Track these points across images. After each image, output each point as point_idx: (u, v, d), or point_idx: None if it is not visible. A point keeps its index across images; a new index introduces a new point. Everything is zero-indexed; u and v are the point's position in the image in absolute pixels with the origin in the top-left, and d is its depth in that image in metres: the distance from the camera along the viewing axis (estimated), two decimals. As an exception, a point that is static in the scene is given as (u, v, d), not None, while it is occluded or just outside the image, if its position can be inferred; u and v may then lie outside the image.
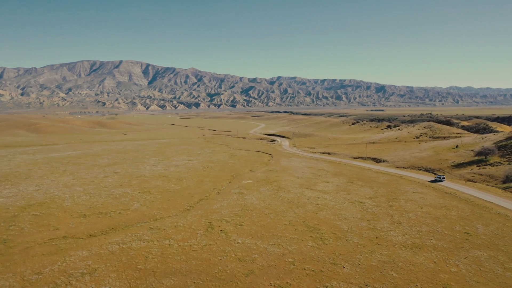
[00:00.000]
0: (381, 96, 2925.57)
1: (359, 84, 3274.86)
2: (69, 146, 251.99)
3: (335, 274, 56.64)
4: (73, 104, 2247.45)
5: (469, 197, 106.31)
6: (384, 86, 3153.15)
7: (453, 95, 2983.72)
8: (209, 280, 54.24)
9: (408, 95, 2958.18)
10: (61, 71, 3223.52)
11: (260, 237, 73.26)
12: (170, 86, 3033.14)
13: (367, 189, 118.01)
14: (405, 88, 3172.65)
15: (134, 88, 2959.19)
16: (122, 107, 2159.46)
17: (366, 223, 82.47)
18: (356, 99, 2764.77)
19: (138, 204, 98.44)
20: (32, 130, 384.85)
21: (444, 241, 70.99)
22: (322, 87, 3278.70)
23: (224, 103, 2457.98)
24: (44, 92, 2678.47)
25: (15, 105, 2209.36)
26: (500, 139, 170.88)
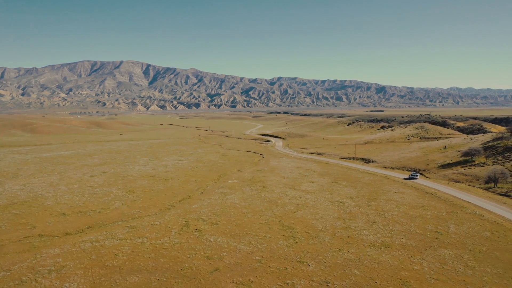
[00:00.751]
0: (381, 97, 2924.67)
1: (360, 84, 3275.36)
2: (62, 146, 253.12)
3: (299, 272, 57.58)
4: (73, 104, 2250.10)
5: (448, 197, 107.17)
6: (385, 87, 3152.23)
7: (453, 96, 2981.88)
8: (173, 277, 55.23)
9: (409, 96, 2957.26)
10: (62, 71, 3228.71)
11: (233, 235, 74.22)
12: (170, 86, 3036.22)
13: (350, 189, 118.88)
14: (405, 89, 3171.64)
15: (135, 89, 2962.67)
16: (122, 108, 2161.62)
17: (342, 222, 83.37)
18: (356, 100, 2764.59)
19: (119, 203, 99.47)
20: (28, 130, 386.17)
21: (414, 240, 71.90)
22: (322, 88, 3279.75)
23: (224, 104, 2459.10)
24: (45, 92, 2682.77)
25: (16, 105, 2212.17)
26: (487, 140, 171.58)
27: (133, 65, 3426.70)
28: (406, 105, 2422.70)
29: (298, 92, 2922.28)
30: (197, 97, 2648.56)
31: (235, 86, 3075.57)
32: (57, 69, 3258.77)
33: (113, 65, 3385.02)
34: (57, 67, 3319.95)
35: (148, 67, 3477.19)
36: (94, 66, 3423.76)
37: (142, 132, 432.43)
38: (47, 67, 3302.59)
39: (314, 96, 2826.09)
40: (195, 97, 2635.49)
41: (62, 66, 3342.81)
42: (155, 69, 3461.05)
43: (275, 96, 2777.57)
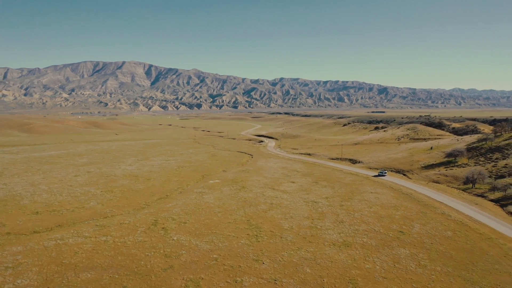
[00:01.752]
0: (383, 97, 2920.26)
1: (362, 85, 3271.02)
2: (55, 146, 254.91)
3: (251, 270, 58.56)
4: (75, 105, 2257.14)
5: (423, 197, 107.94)
6: (387, 88, 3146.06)
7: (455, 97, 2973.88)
8: (125, 275, 56.31)
9: (411, 97, 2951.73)
10: (64, 71, 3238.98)
11: (198, 234, 75.26)
12: (172, 87, 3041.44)
13: (328, 189, 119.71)
14: (407, 90, 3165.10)
15: (137, 89, 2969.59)
16: (124, 108, 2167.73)
17: (310, 222, 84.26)
18: (358, 101, 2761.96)
19: (94, 202, 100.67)
20: (25, 130, 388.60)
21: (375, 239, 72.75)
22: (324, 89, 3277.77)
23: (226, 104, 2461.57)
24: (47, 92, 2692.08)
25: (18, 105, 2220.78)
26: (472, 141, 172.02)
27: (135, 65, 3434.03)
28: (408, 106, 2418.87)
29: (300, 93, 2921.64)
30: (199, 97, 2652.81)
31: (237, 86, 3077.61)
32: (59, 70, 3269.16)
33: (115, 65, 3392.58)
34: (59, 67, 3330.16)
35: (150, 67, 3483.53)
36: (97, 67, 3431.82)
37: (139, 132, 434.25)
38: (49, 68, 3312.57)
39: (316, 97, 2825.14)
40: (197, 98, 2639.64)
41: (64, 66, 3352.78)
42: (157, 69, 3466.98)
43: (276, 96, 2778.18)
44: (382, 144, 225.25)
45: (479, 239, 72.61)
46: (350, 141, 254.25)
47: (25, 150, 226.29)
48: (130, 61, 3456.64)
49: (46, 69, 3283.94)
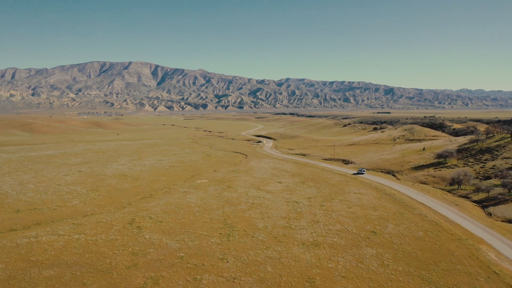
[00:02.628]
0: (389, 98, 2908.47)
1: (368, 86, 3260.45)
2: (54, 146, 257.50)
3: (214, 268, 59.30)
4: (82, 105, 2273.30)
5: (405, 198, 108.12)
6: (393, 89, 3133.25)
7: (463, 98, 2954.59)
8: (88, 272, 57.31)
9: (417, 98, 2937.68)
10: (72, 72, 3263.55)
11: (171, 233, 76.16)
12: (178, 87, 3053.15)
13: (313, 189, 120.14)
14: (414, 91, 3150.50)
15: (143, 89, 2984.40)
16: (130, 108, 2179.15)
17: (285, 221, 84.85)
18: (364, 101, 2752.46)
19: (77, 201, 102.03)
20: (27, 129, 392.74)
21: (346, 239, 73.19)
22: (330, 89, 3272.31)
23: (231, 105, 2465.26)
24: (54, 92, 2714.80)
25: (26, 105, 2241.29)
26: (464, 142, 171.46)
27: (141, 66, 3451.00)
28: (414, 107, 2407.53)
29: (306, 93, 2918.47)
30: (205, 98, 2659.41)
31: (243, 87, 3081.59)
32: (67, 70, 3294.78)
33: (122, 66, 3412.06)
34: (67, 67, 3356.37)
35: (157, 68, 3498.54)
36: (103, 67, 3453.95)
37: (140, 132, 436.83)
38: (57, 68, 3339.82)
39: (322, 98, 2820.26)
40: (203, 98, 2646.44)
41: (72, 66, 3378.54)
42: (163, 70, 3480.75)
43: (282, 97, 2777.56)
44: (377, 145, 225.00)
45: (449, 239, 72.79)
46: (347, 142, 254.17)
47: (23, 150, 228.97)
48: (137, 62, 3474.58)
49: (53, 69, 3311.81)
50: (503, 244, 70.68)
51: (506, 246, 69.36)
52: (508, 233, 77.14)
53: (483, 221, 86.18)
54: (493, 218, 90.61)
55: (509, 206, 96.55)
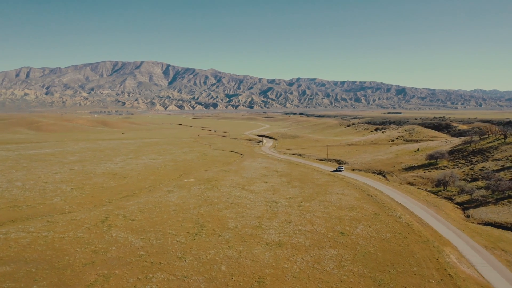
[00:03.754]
0: (401, 98, 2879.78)
1: (380, 86, 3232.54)
2: (55, 144, 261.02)
3: (169, 267, 59.76)
4: (94, 104, 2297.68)
5: (385, 199, 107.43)
6: (405, 89, 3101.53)
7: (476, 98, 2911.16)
8: (43, 269, 58.23)
9: (430, 98, 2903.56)
10: (84, 71, 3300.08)
11: (139, 231, 76.87)
12: (189, 86, 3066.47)
13: (297, 189, 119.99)
14: (426, 91, 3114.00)
15: (154, 89, 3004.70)
16: (141, 107, 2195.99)
17: (258, 221, 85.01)
18: (375, 101, 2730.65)
19: (58, 199, 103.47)
20: (34, 128, 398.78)
21: (311, 239, 73.07)
22: (341, 89, 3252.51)
23: (242, 104, 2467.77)
24: (68, 91, 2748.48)
25: (39, 104, 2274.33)
26: (458, 143, 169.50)
27: (153, 65, 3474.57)
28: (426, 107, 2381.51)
29: (317, 93, 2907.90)
30: (215, 97, 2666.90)
31: (253, 86, 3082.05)
32: (80, 69, 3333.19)
33: (133, 65, 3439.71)
34: (80, 67, 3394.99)
35: (168, 67, 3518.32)
36: (116, 66, 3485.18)
37: (145, 131, 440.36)
38: (70, 67, 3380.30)
39: (333, 97, 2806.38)
40: (213, 97, 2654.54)
41: (84, 66, 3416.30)
42: (174, 69, 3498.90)
43: (293, 97, 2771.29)
44: (374, 145, 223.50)
45: (415, 241, 72.19)
46: (345, 142, 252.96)
47: (23, 148, 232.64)
48: (148, 61, 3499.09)
49: (67, 68, 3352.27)
50: (468, 246, 69.87)
51: (470, 249, 68.58)
52: (477, 235, 76.20)
53: (457, 223, 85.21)
54: (470, 220, 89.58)
55: (488, 209, 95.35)
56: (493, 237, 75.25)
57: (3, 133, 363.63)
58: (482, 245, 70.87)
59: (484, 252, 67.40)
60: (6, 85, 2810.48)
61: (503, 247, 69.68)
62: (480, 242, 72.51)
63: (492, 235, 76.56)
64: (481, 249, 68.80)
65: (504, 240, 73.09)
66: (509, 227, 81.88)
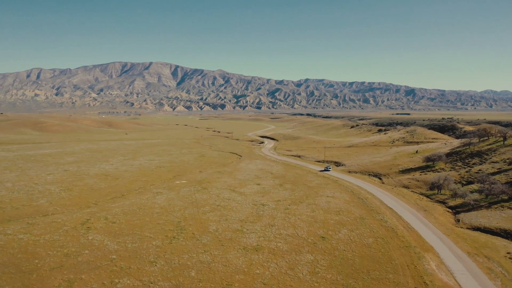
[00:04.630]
0: (410, 99, 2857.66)
1: (388, 87, 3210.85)
2: (56, 145, 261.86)
3: (137, 272, 58.53)
4: (103, 104, 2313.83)
5: (375, 202, 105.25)
6: (414, 89, 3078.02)
7: (487, 99, 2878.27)
8: (9, 272, 57.36)
9: (439, 99, 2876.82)
10: (94, 72, 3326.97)
11: (117, 234, 75.79)
12: (197, 87, 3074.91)
13: (288, 192, 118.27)
14: (436, 92, 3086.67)
15: (163, 89, 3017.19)
16: (149, 108, 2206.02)
17: (240, 224, 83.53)
18: (384, 102, 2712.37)
19: (44, 201, 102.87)
20: (38, 128, 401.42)
21: (290, 244, 71.39)
22: (350, 90, 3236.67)
23: (249, 105, 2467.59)
24: (77, 92, 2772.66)
25: (49, 104, 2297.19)
26: (457, 145, 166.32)
27: (162, 66, 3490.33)
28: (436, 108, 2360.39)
29: (325, 94, 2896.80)
30: (223, 98, 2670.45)
31: (261, 87, 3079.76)
32: (89, 70, 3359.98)
33: (142, 66, 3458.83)
34: (89, 68, 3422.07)
35: (177, 68, 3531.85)
36: (125, 67, 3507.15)
37: (149, 132, 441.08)
38: (80, 68, 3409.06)
39: (341, 98, 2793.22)
40: (221, 98, 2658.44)
41: (94, 67, 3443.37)
42: (183, 70, 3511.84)
43: (301, 97, 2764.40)
44: (374, 147, 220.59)
45: (397, 247, 70.17)
46: (346, 144, 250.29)
47: (23, 148, 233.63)
48: (157, 62, 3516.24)
49: (76, 69, 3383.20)
50: (451, 253, 67.65)
51: (452, 255, 66.37)
52: (462, 241, 73.87)
53: (444, 228, 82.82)
54: (460, 225, 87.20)
55: (480, 213, 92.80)
56: (479, 243, 72.87)
57: (7, 133, 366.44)
58: (465, 251, 68.60)
59: (466, 259, 65.16)
60: (17, 85, 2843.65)
61: (487, 253, 67.35)
62: (464, 248, 70.22)
63: (478, 240, 74.18)
64: (464, 255, 66.56)
65: (489, 246, 70.70)
66: (497, 232, 79.46)
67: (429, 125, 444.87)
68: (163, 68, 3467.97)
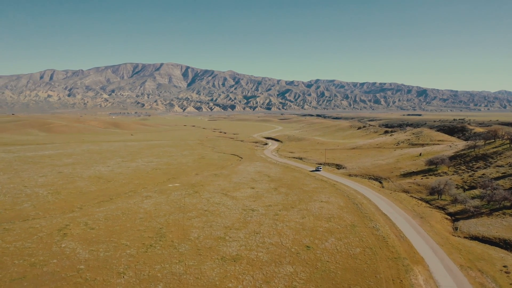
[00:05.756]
0: (422, 100, 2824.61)
1: (400, 87, 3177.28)
2: (59, 146, 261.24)
3: (102, 284, 55.14)
4: (114, 105, 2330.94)
5: (370, 208, 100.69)
6: (426, 90, 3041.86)
7: (501, 99, 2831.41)
8: (-33, 283, 54.38)
9: (452, 100, 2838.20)
10: (106, 73, 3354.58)
11: (93, 242, 72.56)
12: (208, 88, 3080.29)
13: (281, 196, 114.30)
14: (448, 92, 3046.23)
15: (173, 90, 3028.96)
16: (160, 109, 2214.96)
17: (224, 231, 79.87)
18: (395, 103, 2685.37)
19: (28, 205, 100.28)
20: (45, 129, 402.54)
21: (272, 254, 67.45)
22: (361, 91, 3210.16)
23: (259, 106, 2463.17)
24: (89, 93, 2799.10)
25: (62, 105, 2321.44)
26: (462, 148, 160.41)
27: (172, 67, 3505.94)
28: (448, 109, 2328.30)
29: (335, 94, 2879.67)
30: (233, 99, 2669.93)
31: (272, 88, 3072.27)
32: (101, 71, 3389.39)
33: (153, 67, 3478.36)
34: (101, 69, 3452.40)
35: (187, 69, 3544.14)
36: (136, 68, 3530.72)
37: (154, 133, 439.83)
38: (92, 69, 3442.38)
39: (352, 99, 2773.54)
40: (231, 99, 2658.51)
41: (106, 68, 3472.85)
42: (193, 71, 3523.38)
43: (311, 98, 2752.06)
44: (378, 149, 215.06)
45: (385, 258, 65.75)
46: (350, 146, 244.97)
47: (25, 149, 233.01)
48: (168, 63, 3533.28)
49: (89, 70, 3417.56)
50: (442, 265, 62.98)
51: (443, 268, 61.72)
52: (457, 252, 69.08)
53: (439, 237, 77.96)
54: (457, 233, 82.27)
55: (480, 221, 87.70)
56: (474, 254, 68.04)
57: (14, 134, 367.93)
58: (458, 264, 63.87)
59: (457, 272, 60.48)
60: (30, 87, 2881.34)
61: (481, 267, 62.57)
62: (457, 260, 65.47)
63: (474, 252, 69.32)
64: (456, 269, 61.86)
65: (485, 259, 65.84)
66: (496, 242, 74.49)
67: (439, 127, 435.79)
68: (174, 69, 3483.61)
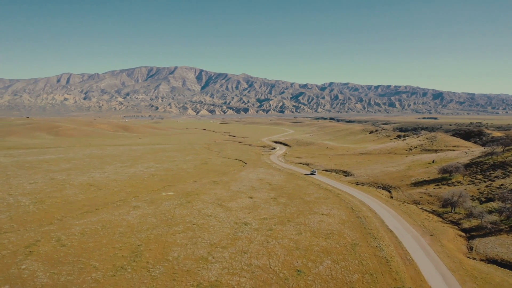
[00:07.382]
0: (438, 103, 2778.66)
1: (415, 90, 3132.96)
2: (62, 150, 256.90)
3: (50, 318, 47.29)
4: (128, 108, 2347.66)
5: (376, 222, 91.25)
6: (442, 93, 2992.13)
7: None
8: None
9: (468, 103, 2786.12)
10: (121, 76, 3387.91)
11: (58, 262, 65.04)
12: (221, 91, 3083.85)
13: (279, 207, 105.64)
14: (465, 95, 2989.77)
15: (187, 93, 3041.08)
16: (173, 112, 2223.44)
17: (208, 250, 71.69)
18: (410, 106, 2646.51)
19: (5, 215, 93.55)
20: (53, 133, 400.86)
21: (256, 280, 58.99)
22: (375, 94, 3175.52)
23: (273, 109, 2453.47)
24: (104, 96, 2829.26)
25: (77, 108, 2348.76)
26: (478, 155, 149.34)
27: (186, 70, 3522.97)
28: (465, 112, 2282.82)
29: (349, 97, 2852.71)
30: (247, 102, 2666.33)
31: (285, 91, 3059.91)
32: (116, 75, 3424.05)
33: (167, 70, 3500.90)
34: (116, 72, 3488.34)
35: (201, 72, 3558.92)
36: (150, 72, 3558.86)
37: (163, 136, 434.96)
38: (107, 73, 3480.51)
39: (366, 102, 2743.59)
40: (245, 102, 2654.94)
41: (121, 71, 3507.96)
42: (207, 74, 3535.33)
43: (324, 101, 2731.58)
44: (389, 155, 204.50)
45: (385, 287, 56.51)
46: (360, 151, 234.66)
47: (27, 153, 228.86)
48: (182, 66, 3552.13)
49: (104, 74, 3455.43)
50: (453, 299, 53.56)
51: (454, 303, 52.29)
52: (471, 280, 59.48)
53: (451, 260, 68.32)
54: (472, 254, 72.49)
55: (498, 239, 77.64)
56: (492, 283, 58.39)
57: (22, 137, 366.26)
58: (472, 297, 54.40)
59: (471, 309, 51.05)
60: (47, 90, 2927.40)
61: (500, 301, 52.98)
62: (472, 291, 55.97)
63: (492, 280, 59.64)
64: (469, 303, 52.41)
65: (505, 290, 56.20)
66: (518, 268, 64.50)
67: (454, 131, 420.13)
68: (187, 73, 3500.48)
